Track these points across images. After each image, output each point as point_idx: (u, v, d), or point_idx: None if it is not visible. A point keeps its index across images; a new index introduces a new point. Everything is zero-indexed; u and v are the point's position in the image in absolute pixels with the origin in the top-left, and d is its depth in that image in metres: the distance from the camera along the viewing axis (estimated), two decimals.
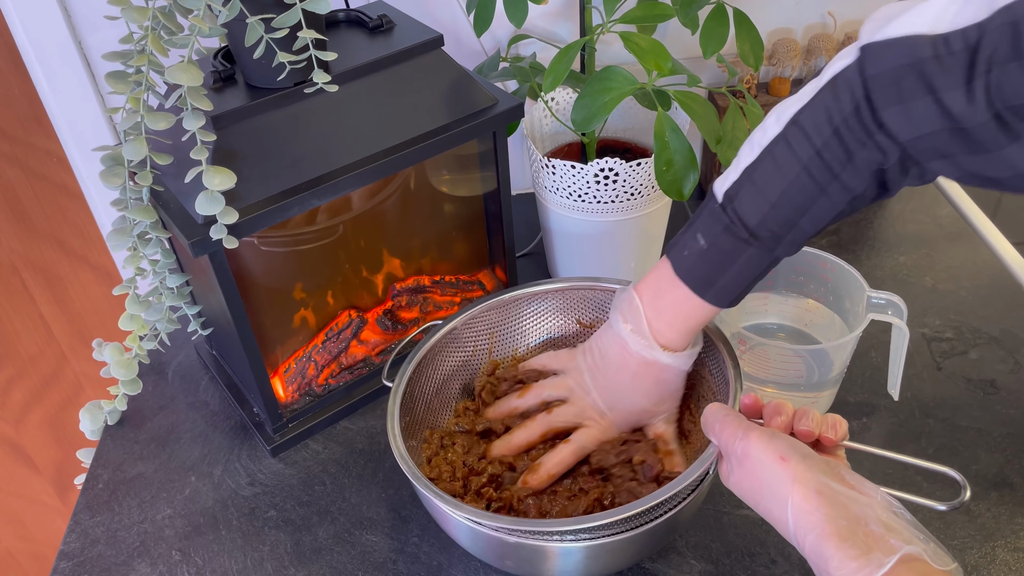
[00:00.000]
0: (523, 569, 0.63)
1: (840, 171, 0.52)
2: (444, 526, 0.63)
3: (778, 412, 0.55)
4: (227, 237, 0.64)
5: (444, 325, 0.74)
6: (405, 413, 0.67)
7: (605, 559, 0.61)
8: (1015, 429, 0.76)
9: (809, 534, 0.47)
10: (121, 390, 0.83)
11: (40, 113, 1.02)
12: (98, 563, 0.72)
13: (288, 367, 0.81)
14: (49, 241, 1.14)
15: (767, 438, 0.52)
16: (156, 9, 0.59)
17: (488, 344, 0.78)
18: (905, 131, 0.48)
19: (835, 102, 0.50)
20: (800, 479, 0.49)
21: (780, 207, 0.54)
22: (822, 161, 0.52)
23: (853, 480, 0.51)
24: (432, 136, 0.73)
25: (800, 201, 0.54)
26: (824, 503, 0.47)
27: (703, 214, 0.59)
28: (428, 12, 0.96)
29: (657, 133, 0.74)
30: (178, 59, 0.61)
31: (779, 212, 0.54)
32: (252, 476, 0.79)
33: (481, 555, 0.65)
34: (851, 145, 0.51)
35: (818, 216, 0.54)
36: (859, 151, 0.50)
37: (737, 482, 0.55)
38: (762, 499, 0.52)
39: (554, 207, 0.86)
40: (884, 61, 0.47)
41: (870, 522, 0.46)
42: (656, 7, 0.78)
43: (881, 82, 0.48)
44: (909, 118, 0.47)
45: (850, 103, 0.49)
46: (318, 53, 0.64)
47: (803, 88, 0.54)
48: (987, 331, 0.86)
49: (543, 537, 0.57)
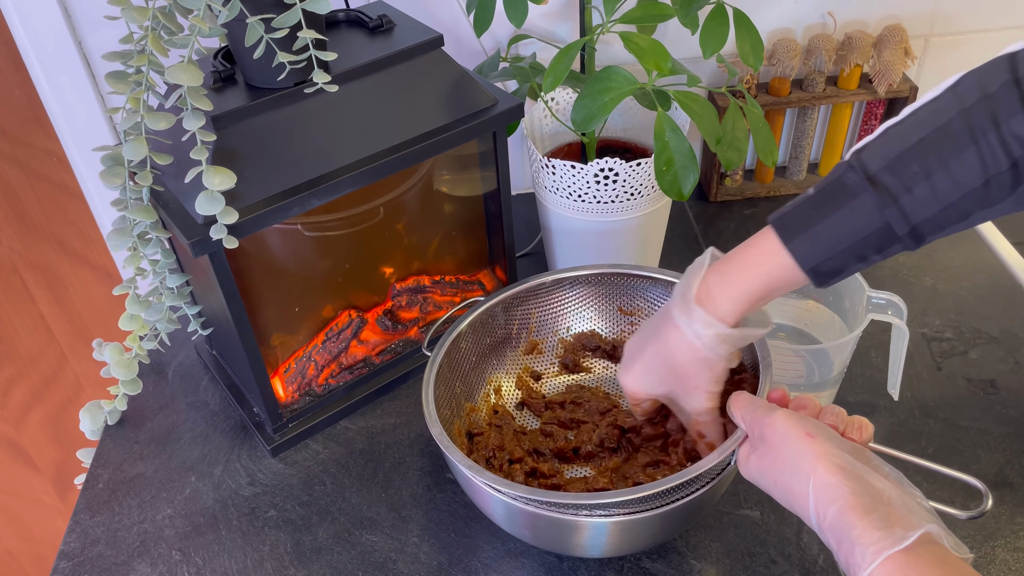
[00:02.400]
0: (548, 540, 0.64)
1: (981, 136, 0.48)
2: (469, 489, 0.65)
3: (803, 405, 0.55)
4: (227, 237, 0.64)
5: (486, 302, 0.75)
6: (440, 383, 0.69)
7: (632, 535, 0.61)
8: (1015, 429, 0.76)
9: (832, 506, 0.47)
10: (121, 390, 0.83)
11: (40, 113, 1.02)
12: (98, 563, 0.72)
13: (288, 367, 0.81)
14: (49, 241, 1.14)
15: (795, 417, 0.53)
16: (156, 9, 0.59)
17: (529, 324, 0.79)
18: None
19: (996, 73, 0.49)
20: (824, 454, 0.49)
21: (912, 156, 0.50)
22: (966, 119, 0.49)
23: (878, 464, 0.51)
24: (432, 136, 0.73)
25: (935, 156, 0.49)
26: (847, 478, 0.48)
27: (824, 179, 0.54)
28: (428, 12, 0.96)
29: (657, 133, 0.74)
30: (178, 59, 0.61)
31: (909, 161, 0.50)
32: (252, 476, 0.79)
33: (513, 529, 0.66)
34: (1000, 113, 0.48)
35: (945, 184, 0.49)
36: (1006, 121, 0.48)
37: (759, 460, 0.54)
38: (782, 475, 0.52)
39: (554, 207, 0.86)
40: None
41: (893, 501, 0.47)
42: (656, 7, 0.78)
43: None
44: None
45: (1010, 75, 0.48)
46: (318, 53, 0.64)
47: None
48: (987, 331, 0.86)
49: (570, 511, 0.58)
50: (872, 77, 1.01)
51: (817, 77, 1.01)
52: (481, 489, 0.61)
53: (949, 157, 0.49)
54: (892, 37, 0.98)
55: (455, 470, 0.63)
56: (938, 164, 0.49)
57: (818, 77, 1.01)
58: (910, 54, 1.00)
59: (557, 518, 0.59)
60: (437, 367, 0.69)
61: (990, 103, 0.48)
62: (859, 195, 0.51)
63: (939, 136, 0.49)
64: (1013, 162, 0.48)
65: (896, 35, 0.98)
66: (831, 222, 0.52)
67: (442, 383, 0.70)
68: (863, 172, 0.51)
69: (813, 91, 1.02)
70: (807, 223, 0.53)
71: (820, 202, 0.53)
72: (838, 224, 0.52)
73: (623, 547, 0.65)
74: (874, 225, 0.51)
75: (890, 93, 1.01)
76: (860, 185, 0.51)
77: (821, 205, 0.52)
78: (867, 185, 0.51)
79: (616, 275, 0.78)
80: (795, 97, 1.02)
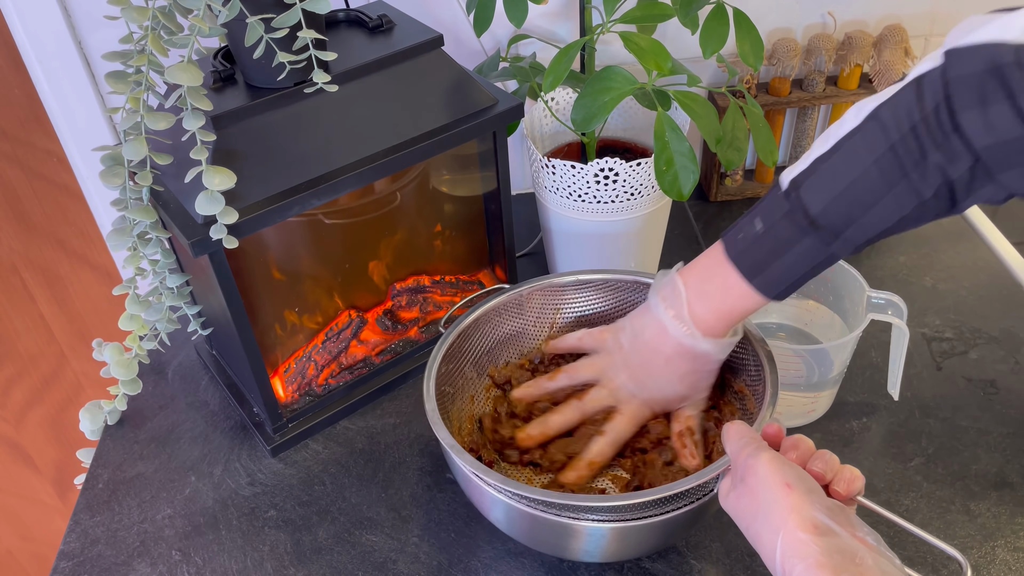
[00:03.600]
0: (544, 540, 0.64)
1: (911, 169, 0.51)
2: (467, 488, 0.65)
3: (794, 447, 0.54)
4: (227, 237, 0.64)
5: (511, 290, 0.75)
6: (448, 360, 0.70)
7: (631, 541, 0.61)
8: (1015, 429, 0.76)
9: (800, 563, 0.45)
10: (121, 390, 0.83)
11: (40, 113, 1.02)
12: (98, 563, 0.72)
13: (288, 367, 0.81)
14: (49, 241, 1.14)
15: (778, 463, 0.51)
16: (156, 9, 0.59)
17: (551, 319, 0.78)
18: (981, 136, 0.48)
19: (916, 101, 0.50)
20: (798, 509, 0.48)
21: (845, 198, 0.53)
22: (895, 156, 0.51)
23: (856, 526, 0.48)
24: (432, 136, 0.73)
25: (866, 195, 0.53)
26: (819, 535, 0.46)
27: (765, 201, 0.58)
28: (428, 12, 0.96)
29: (657, 133, 0.74)
30: (178, 59, 0.61)
31: (843, 203, 0.54)
32: (252, 476, 0.79)
33: (513, 532, 0.66)
34: (926, 144, 0.50)
35: (882, 215, 0.53)
36: (933, 152, 0.50)
37: (736, 499, 0.53)
38: (755, 521, 0.50)
39: (554, 207, 0.86)
40: (966, 65, 0.47)
41: (865, 563, 0.45)
42: (656, 7, 0.78)
43: (962, 85, 0.48)
44: (986, 122, 0.47)
45: (931, 102, 0.49)
46: (318, 53, 0.64)
47: (886, 89, 0.53)
48: (987, 331, 0.86)
49: (569, 514, 0.58)
50: (872, 77, 1.01)
51: (817, 77, 1.01)
52: (473, 480, 0.61)
53: (882, 193, 0.53)
54: (892, 37, 0.98)
55: (447, 451, 0.63)
56: (873, 200, 0.53)
57: (818, 77, 1.01)
58: (910, 54, 1.00)
59: (554, 521, 0.58)
60: (448, 345, 0.70)
61: (907, 143, 0.51)
62: (807, 236, 0.56)
63: (868, 177, 0.53)
64: (936, 190, 0.51)
65: (896, 35, 0.98)
66: (786, 262, 0.57)
67: (452, 361, 0.70)
68: (804, 214, 0.55)
69: (813, 91, 1.02)
70: (765, 265, 0.58)
71: (772, 242, 0.57)
72: (791, 263, 0.57)
73: (623, 552, 0.65)
74: (821, 257, 0.57)
75: None
76: (804, 229, 0.56)
77: (773, 245, 0.57)
78: (811, 229, 0.55)
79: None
80: (795, 97, 1.02)
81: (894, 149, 0.51)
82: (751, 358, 0.68)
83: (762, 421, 0.61)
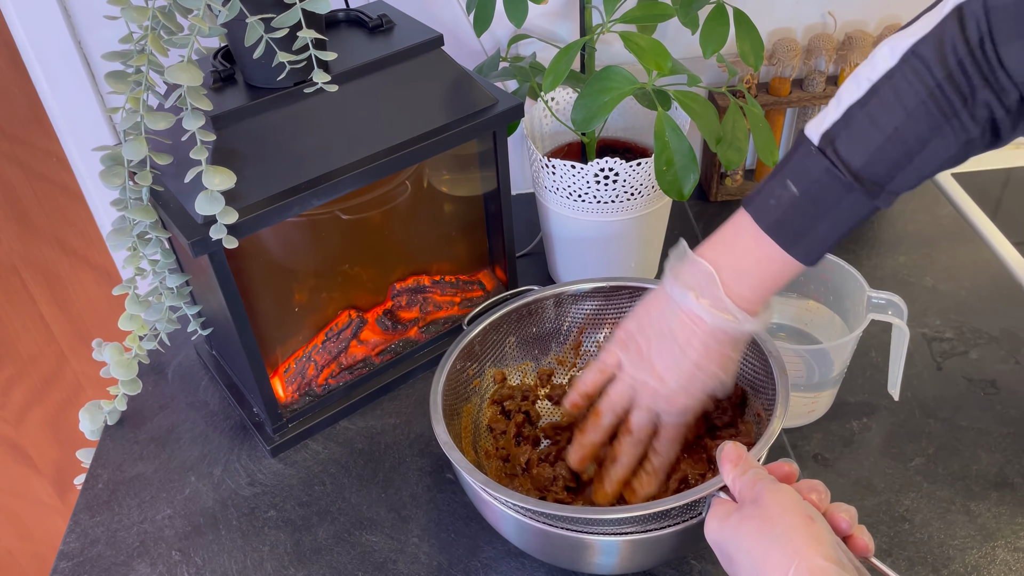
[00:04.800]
0: (557, 553, 0.64)
1: (960, 108, 0.48)
2: (475, 499, 0.64)
3: (814, 489, 0.51)
4: (227, 237, 0.64)
5: (542, 291, 0.74)
6: (465, 356, 0.70)
7: (643, 554, 0.60)
8: (1015, 429, 0.76)
9: None
10: (121, 390, 0.83)
11: (40, 113, 1.02)
12: (98, 563, 0.72)
13: (288, 367, 0.81)
14: (49, 241, 1.14)
15: (799, 497, 0.50)
16: (156, 9, 0.59)
17: (580, 324, 0.78)
18: (1021, 71, 0.46)
19: (959, 33, 0.47)
20: (819, 539, 0.46)
21: (890, 147, 0.50)
22: (943, 96, 0.48)
23: (864, 574, 0.48)
24: (432, 136, 0.73)
25: (914, 140, 0.49)
26: (837, 570, 0.45)
27: (793, 160, 0.53)
28: (428, 12, 0.96)
29: (657, 133, 0.74)
30: (178, 59, 0.61)
31: (890, 152, 0.50)
32: (252, 476, 0.78)
33: (525, 546, 0.65)
34: (975, 81, 0.47)
35: (930, 159, 0.50)
36: (982, 89, 0.47)
37: (740, 520, 0.50)
38: (763, 542, 0.48)
39: (554, 207, 0.86)
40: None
41: None
42: (656, 7, 0.78)
43: (1004, 14, 0.45)
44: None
45: (975, 35, 0.46)
46: (318, 53, 0.64)
47: (916, 19, 0.50)
48: (987, 331, 0.86)
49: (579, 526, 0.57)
50: None
51: (817, 77, 1.01)
52: (475, 489, 0.60)
53: (927, 139, 0.49)
54: None
55: (448, 451, 0.63)
56: (918, 148, 0.50)
57: (818, 77, 1.01)
58: None
59: (565, 536, 0.58)
60: (467, 342, 0.70)
61: (954, 81, 0.48)
62: (851, 192, 0.51)
63: (913, 122, 0.49)
64: (982, 129, 0.49)
65: None
66: (828, 224, 0.53)
67: (469, 359, 0.71)
68: (845, 170, 0.51)
69: (813, 91, 1.02)
70: (805, 231, 0.53)
71: (811, 205, 0.53)
72: (833, 224, 0.53)
73: (635, 564, 0.63)
74: (865, 212, 0.53)
75: None
76: (848, 185, 0.51)
77: (813, 209, 0.53)
78: (854, 184, 0.51)
79: None
80: (795, 97, 1.02)
81: (941, 88, 0.48)
82: (762, 365, 0.67)
83: (770, 435, 0.59)
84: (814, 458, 0.75)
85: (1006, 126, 0.49)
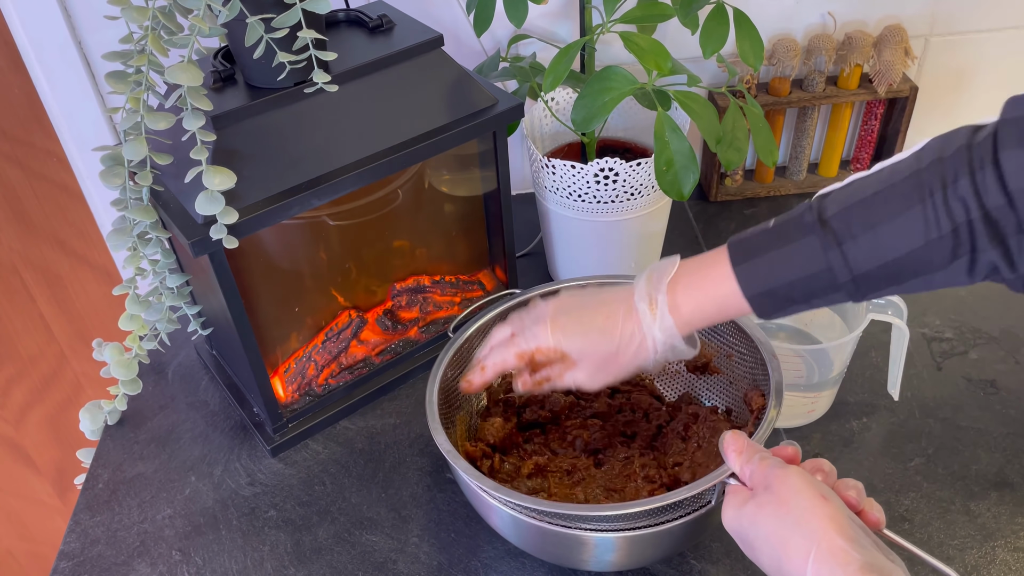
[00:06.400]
0: (553, 553, 0.64)
1: (927, 196, 0.50)
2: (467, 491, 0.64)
3: (820, 468, 0.53)
4: (227, 237, 0.64)
5: (521, 295, 0.74)
6: (455, 365, 0.70)
7: (638, 550, 0.61)
8: (1015, 429, 0.76)
9: (839, 570, 0.45)
10: (121, 390, 0.83)
11: (40, 113, 1.02)
12: (98, 563, 0.72)
13: (288, 367, 0.81)
14: (49, 241, 1.14)
15: (809, 477, 0.51)
16: (156, 9, 0.59)
17: None
18: (1016, 178, 0.47)
19: (955, 138, 0.50)
20: (835, 519, 0.48)
21: (860, 207, 0.52)
22: (918, 179, 0.50)
23: (884, 550, 0.49)
24: (432, 136, 0.73)
25: (881, 209, 0.51)
26: (858, 548, 0.46)
27: (790, 211, 0.57)
28: (428, 12, 0.96)
29: (657, 133, 0.74)
30: (178, 59, 0.61)
31: (856, 211, 0.52)
32: (252, 476, 0.79)
33: (518, 541, 0.65)
34: (948, 175, 0.49)
35: (890, 238, 0.51)
36: (953, 184, 0.49)
37: (756, 508, 0.51)
38: (782, 527, 0.49)
39: (554, 207, 0.86)
40: (1019, 107, 0.48)
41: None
42: (656, 7, 0.78)
43: (1011, 126, 0.48)
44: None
45: (966, 140, 0.49)
46: (318, 53, 0.64)
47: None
48: (987, 331, 0.86)
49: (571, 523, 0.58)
50: (872, 77, 1.01)
51: (817, 77, 1.01)
52: (476, 491, 0.61)
53: (896, 212, 0.51)
54: (892, 37, 0.98)
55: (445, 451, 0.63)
56: (885, 218, 0.51)
57: (818, 77, 1.01)
58: (910, 54, 1.00)
59: (560, 532, 0.58)
60: (455, 349, 0.70)
61: (942, 166, 0.50)
62: (808, 234, 0.53)
63: (891, 192, 0.51)
64: (954, 227, 0.50)
65: (896, 35, 0.98)
66: (777, 254, 0.54)
67: (459, 366, 0.70)
68: (817, 214, 0.53)
69: (813, 91, 1.02)
70: (756, 251, 0.55)
71: (773, 235, 0.55)
72: (783, 257, 0.54)
73: (632, 561, 0.64)
74: (817, 265, 0.53)
75: (890, 93, 1.01)
76: (811, 225, 0.53)
77: (773, 238, 0.55)
78: (817, 226, 0.53)
79: None
80: (795, 97, 1.02)
81: (920, 173, 0.50)
82: (757, 361, 0.67)
83: (770, 423, 0.60)
84: (814, 458, 0.75)
85: (983, 241, 0.50)
